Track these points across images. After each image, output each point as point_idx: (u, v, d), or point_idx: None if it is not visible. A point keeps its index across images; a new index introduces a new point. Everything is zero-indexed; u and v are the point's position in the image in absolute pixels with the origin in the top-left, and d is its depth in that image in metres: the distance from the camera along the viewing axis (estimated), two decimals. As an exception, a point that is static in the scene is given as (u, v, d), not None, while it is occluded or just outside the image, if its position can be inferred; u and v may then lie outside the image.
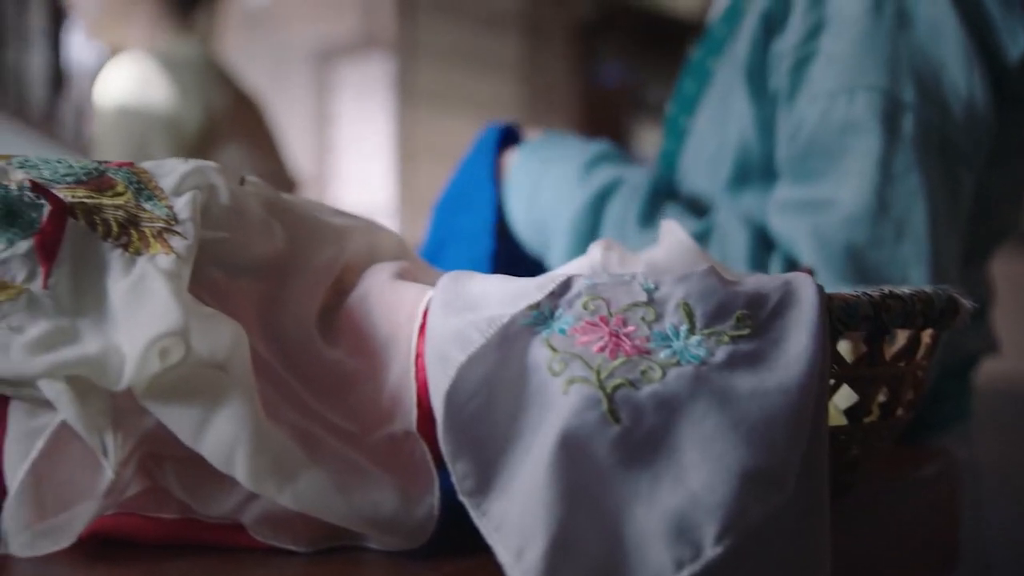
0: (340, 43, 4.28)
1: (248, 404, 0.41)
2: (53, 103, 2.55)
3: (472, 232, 0.81)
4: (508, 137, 0.85)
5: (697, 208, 0.78)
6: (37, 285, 0.42)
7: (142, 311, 0.42)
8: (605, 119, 4.19)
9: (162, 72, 1.37)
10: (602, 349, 0.41)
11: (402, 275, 0.51)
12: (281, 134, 1.61)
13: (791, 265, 0.70)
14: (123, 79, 1.36)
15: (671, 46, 4.77)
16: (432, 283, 0.52)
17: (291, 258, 0.51)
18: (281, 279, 0.50)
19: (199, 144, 1.38)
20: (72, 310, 0.42)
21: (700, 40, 0.84)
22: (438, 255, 0.85)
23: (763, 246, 0.71)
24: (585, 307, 0.43)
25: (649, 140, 4.50)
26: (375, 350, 0.48)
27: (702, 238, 0.72)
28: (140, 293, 0.42)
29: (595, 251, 0.55)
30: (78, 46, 2.55)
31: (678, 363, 0.41)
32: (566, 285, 0.44)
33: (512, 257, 0.82)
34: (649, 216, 0.74)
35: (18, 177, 0.45)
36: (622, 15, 4.31)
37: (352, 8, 4.07)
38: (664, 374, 0.40)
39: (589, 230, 0.76)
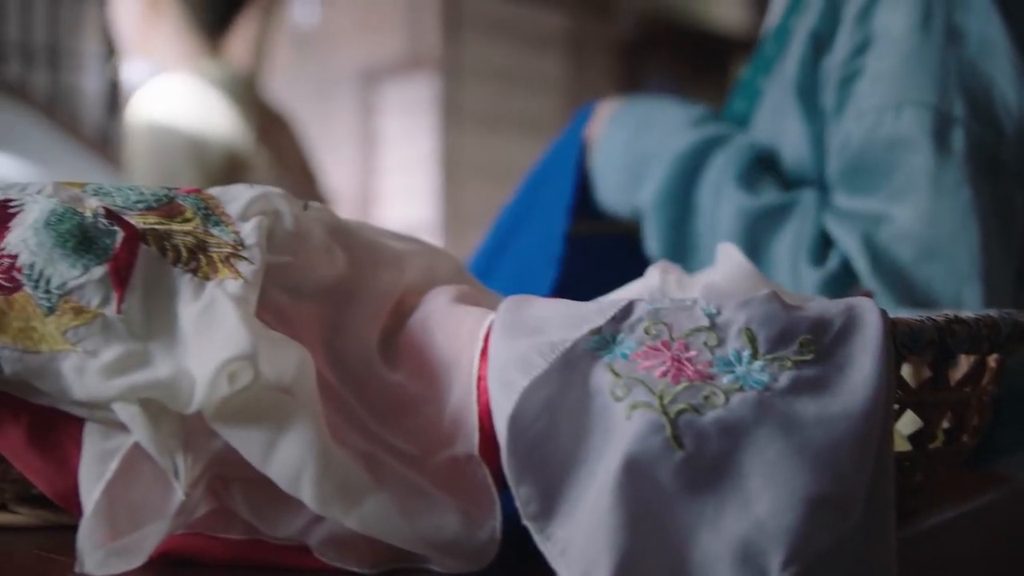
0: (386, 63, 4.33)
1: (314, 427, 0.42)
2: (108, 124, 2.61)
3: (550, 209, 0.82)
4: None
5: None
6: (111, 310, 0.43)
7: (212, 336, 0.42)
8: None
9: (191, 95, 1.40)
10: (664, 374, 0.42)
11: (462, 298, 0.52)
12: (326, 152, 1.64)
13: (847, 267, 0.70)
14: (153, 102, 1.40)
15: (714, 63, 4.76)
16: (491, 306, 0.52)
17: (352, 282, 0.52)
18: (343, 303, 0.51)
19: (227, 166, 1.41)
20: (144, 334, 0.43)
21: (750, 59, 0.84)
22: (515, 231, 0.85)
23: (829, 238, 0.72)
24: (647, 332, 0.43)
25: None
26: (436, 373, 0.48)
27: (788, 209, 0.73)
28: (210, 318, 0.43)
29: (653, 274, 0.55)
30: (132, 69, 2.60)
31: (741, 388, 0.41)
32: (628, 310, 0.44)
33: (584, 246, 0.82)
34: (747, 176, 0.74)
35: (92, 204, 0.46)
36: (665, 33, 4.31)
37: (398, 29, 4.12)
38: (727, 400, 0.40)
39: (691, 170, 0.76)
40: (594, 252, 0.82)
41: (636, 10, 4.33)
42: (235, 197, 0.50)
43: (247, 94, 1.47)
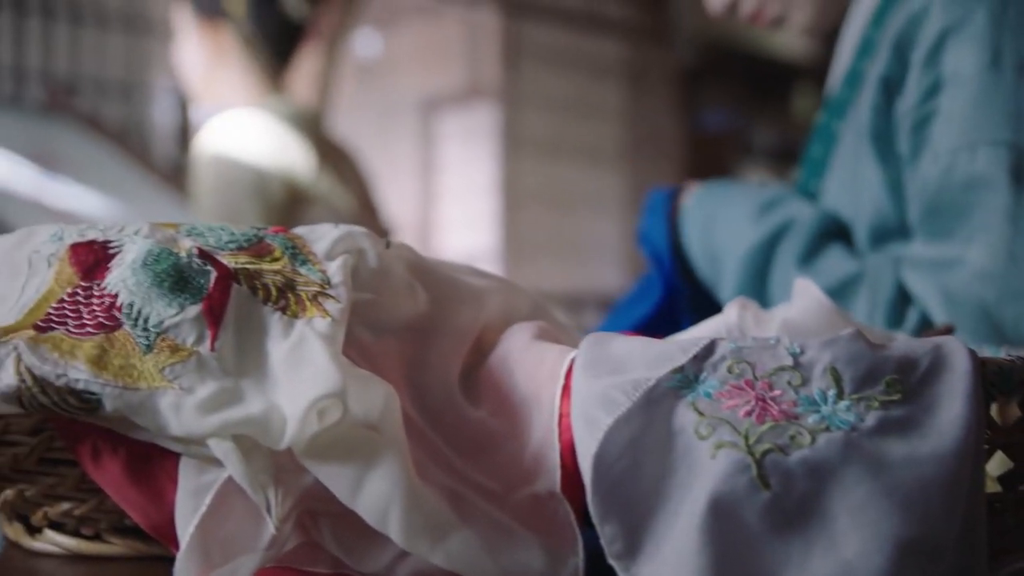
0: (446, 93, 4.38)
1: (401, 464, 0.43)
2: (178, 156, 2.68)
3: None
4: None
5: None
6: (205, 348, 0.44)
7: (302, 373, 0.44)
8: (710, 164, 4.17)
9: (255, 130, 1.44)
10: (749, 413, 0.42)
11: (541, 336, 0.52)
12: (387, 181, 1.66)
13: (926, 322, 0.69)
14: (218, 137, 1.43)
15: (776, 90, 4.73)
16: (571, 343, 0.53)
17: (433, 319, 0.52)
18: (424, 339, 0.52)
19: (289, 199, 1.43)
20: (236, 371, 0.45)
21: (824, 104, 0.84)
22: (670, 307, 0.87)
23: (905, 298, 0.71)
24: (730, 371, 0.43)
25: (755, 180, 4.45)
26: (517, 410, 0.49)
27: (856, 281, 0.72)
28: (300, 356, 0.44)
29: (731, 311, 0.55)
30: (199, 107, 2.67)
31: (827, 428, 0.41)
32: (710, 348, 0.44)
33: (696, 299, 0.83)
34: (809, 257, 0.75)
35: (186, 244, 0.48)
36: (725, 60, 4.30)
37: (458, 59, 4.17)
38: (814, 439, 0.40)
39: (759, 270, 0.77)
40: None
41: (695, 37, 4.33)
42: (321, 236, 0.51)
43: (310, 128, 1.50)
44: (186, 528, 0.43)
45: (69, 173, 1.69)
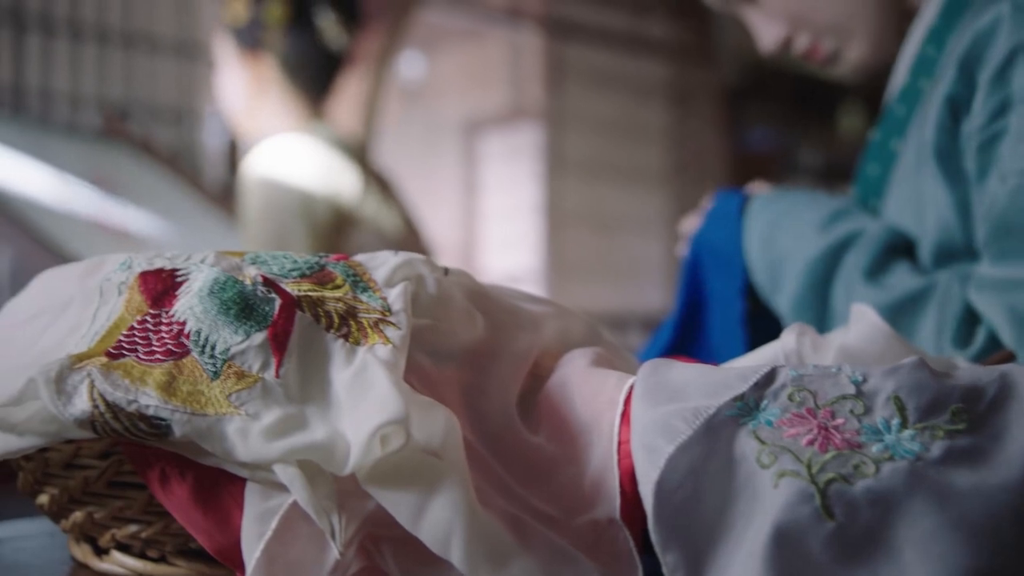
0: (489, 114, 4.41)
1: (463, 490, 0.43)
2: (227, 179, 2.73)
3: (724, 296, 0.83)
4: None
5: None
6: (270, 374, 0.45)
7: (365, 400, 0.44)
8: (756, 179, 4.14)
9: (300, 154, 1.46)
10: (811, 442, 0.41)
11: (599, 362, 0.52)
12: (431, 201, 1.68)
13: (995, 343, 0.68)
14: (265, 161, 1.45)
15: (822, 108, 4.70)
16: (627, 369, 0.53)
17: (491, 345, 0.53)
18: (483, 365, 0.52)
19: (335, 222, 1.45)
20: (300, 398, 0.45)
21: (879, 121, 0.83)
22: (693, 317, 0.86)
23: (974, 316, 0.70)
24: (791, 399, 0.43)
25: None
26: (575, 436, 0.49)
27: (923, 297, 0.71)
28: (362, 383, 0.45)
29: (788, 337, 0.55)
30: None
31: (892, 458, 0.40)
32: (770, 376, 0.44)
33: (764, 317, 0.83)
34: (876, 271, 0.74)
35: (251, 273, 0.49)
36: (770, 79, 4.28)
37: (501, 80, 4.19)
38: (878, 469, 0.40)
39: (822, 279, 0.76)
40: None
41: (740, 57, 4.31)
42: (381, 264, 0.52)
43: (351, 153, 1.52)
44: (252, 552, 0.43)
45: (123, 196, 1.73)
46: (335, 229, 1.45)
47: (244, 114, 1.56)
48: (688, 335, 0.88)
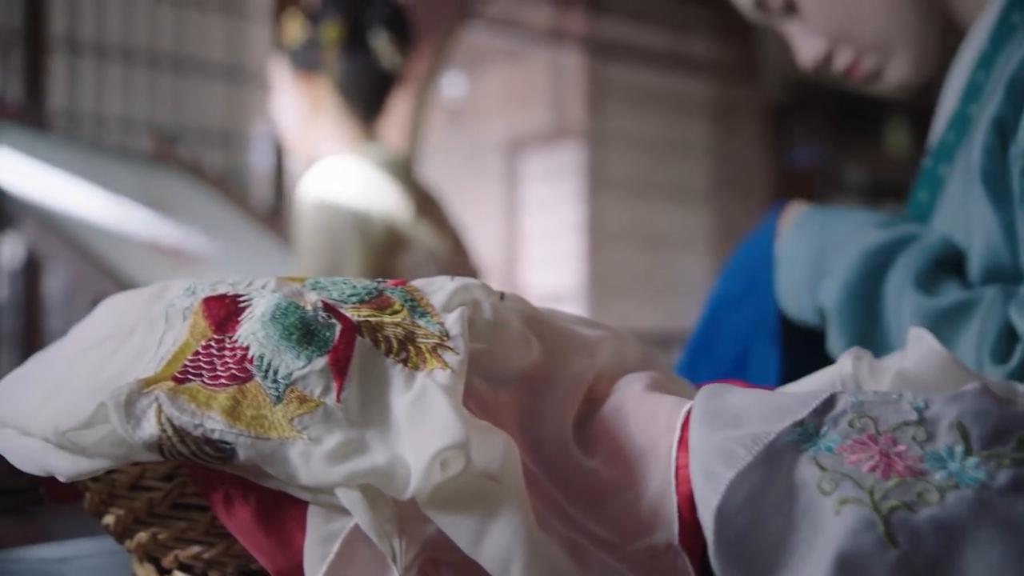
0: (531, 134, 4.43)
1: (522, 514, 0.43)
2: (274, 200, 2.77)
3: (759, 297, 0.82)
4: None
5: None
6: (331, 399, 0.46)
7: (425, 425, 0.45)
8: (800, 197, 4.11)
9: (354, 175, 1.47)
10: (873, 469, 0.41)
11: (654, 386, 0.52)
12: (473, 220, 1.69)
13: None
14: (316, 187, 1.47)
15: (867, 125, 4.66)
16: (682, 393, 0.53)
17: (547, 369, 0.53)
18: (538, 389, 0.52)
19: (389, 242, 1.47)
20: (361, 422, 0.46)
21: (932, 150, 0.82)
22: (724, 318, 0.86)
23: (1013, 334, 0.69)
24: (852, 425, 0.43)
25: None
26: (632, 460, 0.49)
27: (970, 307, 0.70)
28: (422, 407, 0.46)
29: (845, 361, 0.55)
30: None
31: (956, 486, 0.40)
32: (830, 402, 0.44)
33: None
34: (925, 277, 0.72)
35: (312, 299, 0.50)
36: (814, 96, 4.25)
37: (543, 100, 4.21)
38: (942, 497, 0.40)
39: (876, 268, 0.74)
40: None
41: (783, 74, 4.30)
42: (438, 289, 0.53)
43: (404, 174, 1.54)
44: (314, 574, 0.44)
45: (174, 217, 1.76)
46: (388, 250, 1.46)
47: (299, 135, 1.58)
48: (709, 340, 0.87)
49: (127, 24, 2.64)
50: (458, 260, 1.57)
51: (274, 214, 2.47)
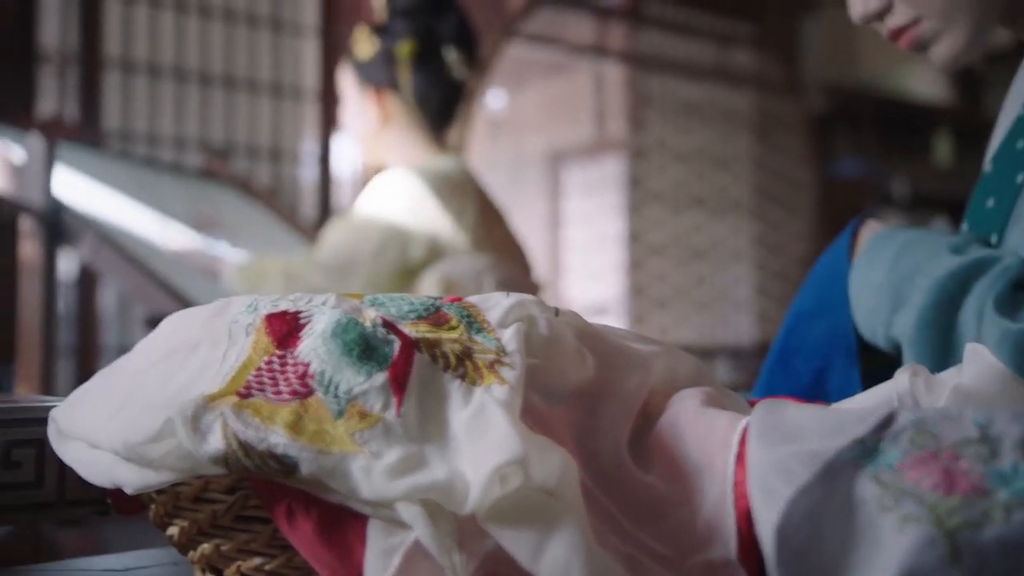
0: (572, 146, 4.43)
1: (580, 529, 0.44)
2: (321, 214, 2.81)
3: (835, 313, 0.81)
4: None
5: None
6: (391, 414, 0.47)
7: (483, 440, 0.45)
8: (844, 213, 4.07)
9: (421, 188, 1.48)
10: (935, 486, 0.41)
11: (709, 401, 0.53)
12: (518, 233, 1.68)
13: None
14: (385, 195, 1.48)
15: (912, 136, 4.60)
16: (737, 409, 0.53)
17: (602, 384, 0.54)
18: (594, 405, 0.53)
19: (429, 260, 1.47)
20: (420, 437, 0.47)
21: (994, 156, 0.81)
22: (803, 334, 0.84)
23: None
24: (912, 442, 0.43)
25: (890, 231, 4.33)
26: (688, 475, 0.49)
27: None
28: (481, 423, 0.46)
29: (902, 376, 0.55)
30: (343, 164, 2.80)
31: (1022, 504, 0.40)
32: (890, 418, 0.44)
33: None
34: (1008, 300, 0.70)
35: (371, 315, 0.51)
36: (857, 105, 4.21)
37: (584, 113, 4.22)
38: (1008, 516, 0.39)
39: (953, 296, 0.72)
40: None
41: (826, 84, 4.26)
42: (494, 305, 0.53)
43: (470, 185, 1.54)
44: (376, 588, 0.44)
45: (224, 232, 1.79)
46: (429, 264, 1.46)
47: (368, 147, 1.60)
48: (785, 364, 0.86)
49: (179, 44, 2.69)
50: (519, 274, 1.57)
51: (320, 228, 2.51)
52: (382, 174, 1.51)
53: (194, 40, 2.73)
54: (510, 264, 1.54)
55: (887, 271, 0.77)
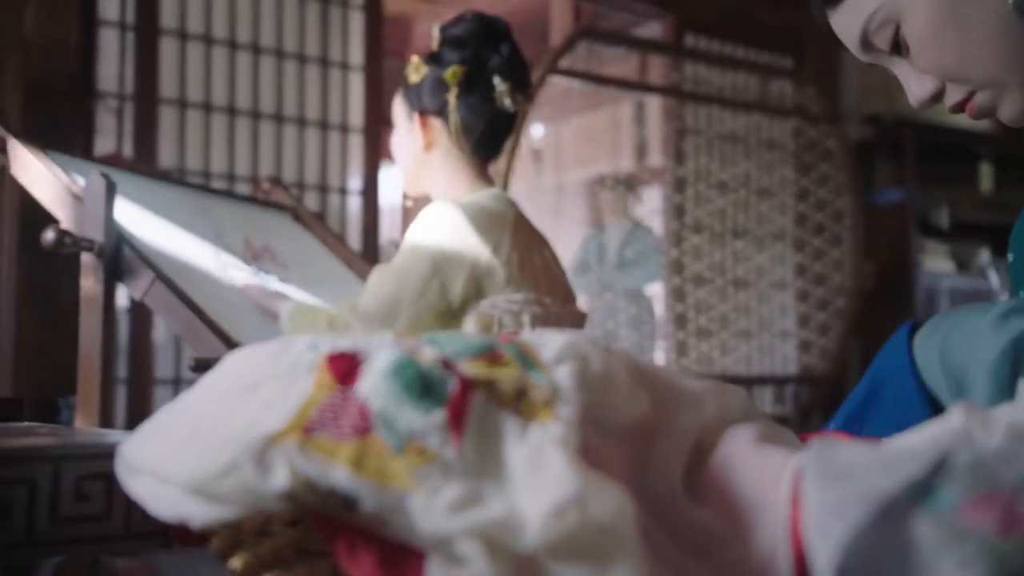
0: (613, 177, 4.44)
1: (635, 564, 0.44)
2: (368, 246, 2.84)
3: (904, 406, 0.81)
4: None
5: None
6: (449, 451, 0.48)
7: (541, 477, 0.46)
8: (887, 242, 4.04)
9: (462, 224, 1.48)
10: (994, 527, 0.41)
11: (762, 438, 0.53)
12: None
13: None
14: (426, 233, 1.47)
15: (955, 164, 4.56)
16: (789, 445, 0.53)
17: (655, 421, 0.54)
18: (647, 441, 0.53)
19: (489, 271, 1.47)
20: (477, 473, 0.48)
21: None
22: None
23: None
24: (969, 482, 0.43)
25: (935, 260, 4.28)
26: (742, 511, 0.50)
27: None
28: (538, 459, 0.47)
29: (956, 414, 0.55)
30: (389, 196, 2.83)
31: (1084, 546, 0.40)
32: (946, 457, 0.44)
33: None
34: None
35: (428, 353, 0.52)
36: (898, 133, 4.18)
37: (625, 144, 4.23)
38: (1070, 557, 0.39)
39: (1009, 378, 0.72)
40: None
41: (866, 113, 4.24)
42: (547, 343, 0.54)
43: (515, 217, 1.53)
44: (437, 623, 0.45)
45: (276, 262, 1.81)
46: (499, 291, 1.46)
47: (413, 175, 1.60)
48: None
49: (231, 81, 2.76)
50: (559, 306, 1.57)
51: (367, 257, 2.54)
52: (425, 210, 1.51)
53: (245, 78, 2.79)
54: (550, 296, 1.54)
55: (942, 375, 0.76)
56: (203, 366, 1.32)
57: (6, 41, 2.18)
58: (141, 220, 1.56)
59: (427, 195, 1.62)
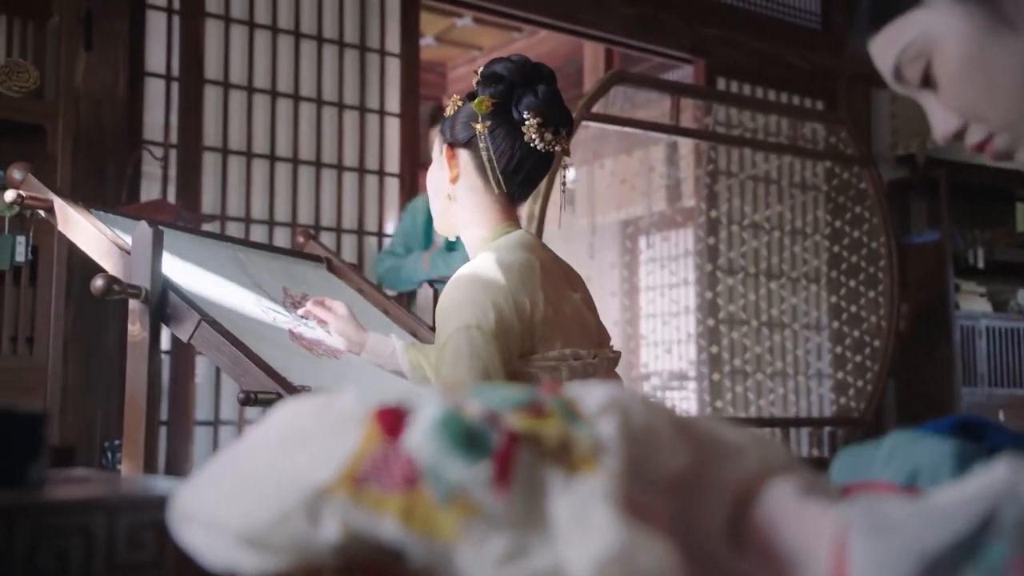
0: (646, 218, 4.45)
1: (681, 619, 0.45)
2: (407, 294, 2.87)
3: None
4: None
5: None
6: (495, 504, 0.49)
7: (586, 529, 0.47)
8: (922, 280, 4.00)
9: (497, 264, 1.48)
10: (1042, 585, 0.41)
11: (804, 490, 0.53)
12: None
13: None
14: (462, 294, 1.47)
15: (988, 200, 4.52)
16: (830, 498, 0.53)
17: (697, 473, 0.55)
18: (689, 493, 0.54)
19: (530, 329, 1.46)
20: (523, 526, 0.48)
21: None
22: None
23: None
24: (1020, 536, 0.43)
25: (971, 300, 4.23)
26: (785, 564, 0.50)
27: None
28: (583, 512, 0.48)
29: (1001, 468, 0.54)
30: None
31: None
32: (994, 512, 0.44)
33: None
34: None
35: (474, 406, 0.53)
36: (931, 174, 4.16)
37: (658, 186, 4.25)
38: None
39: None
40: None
41: (899, 154, 4.23)
42: (589, 395, 0.55)
43: (539, 261, 1.54)
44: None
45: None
46: (524, 338, 1.45)
47: (439, 209, 1.59)
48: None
49: (272, 129, 2.81)
50: (598, 349, 1.56)
51: (405, 306, 2.56)
52: (459, 272, 1.50)
53: (285, 125, 2.84)
54: (583, 345, 1.53)
55: None
56: (251, 399, 1.34)
57: (60, 93, 2.25)
58: (182, 270, 1.59)
59: (454, 229, 1.62)
